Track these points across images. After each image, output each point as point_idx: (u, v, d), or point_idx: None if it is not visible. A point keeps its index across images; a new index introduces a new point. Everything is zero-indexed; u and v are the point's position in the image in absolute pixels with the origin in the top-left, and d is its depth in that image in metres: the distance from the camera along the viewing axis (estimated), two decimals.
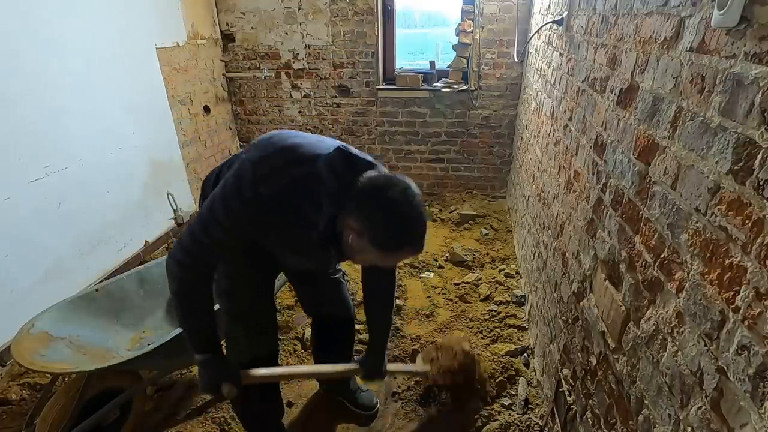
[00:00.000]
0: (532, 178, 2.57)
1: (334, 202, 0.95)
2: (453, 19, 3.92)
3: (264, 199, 0.97)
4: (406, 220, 0.92)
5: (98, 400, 1.54)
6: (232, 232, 1.03)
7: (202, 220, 1.03)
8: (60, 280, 2.30)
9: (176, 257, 1.06)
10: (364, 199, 0.92)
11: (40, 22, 2.14)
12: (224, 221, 1.00)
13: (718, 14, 0.73)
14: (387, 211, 0.90)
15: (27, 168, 2.11)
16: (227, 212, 1.00)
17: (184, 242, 1.05)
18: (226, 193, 1.00)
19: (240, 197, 0.98)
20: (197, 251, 1.05)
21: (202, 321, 1.14)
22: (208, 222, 1.02)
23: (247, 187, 0.97)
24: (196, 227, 1.04)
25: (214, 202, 1.01)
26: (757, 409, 0.60)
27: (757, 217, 0.63)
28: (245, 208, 0.99)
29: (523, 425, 1.70)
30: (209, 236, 1.03)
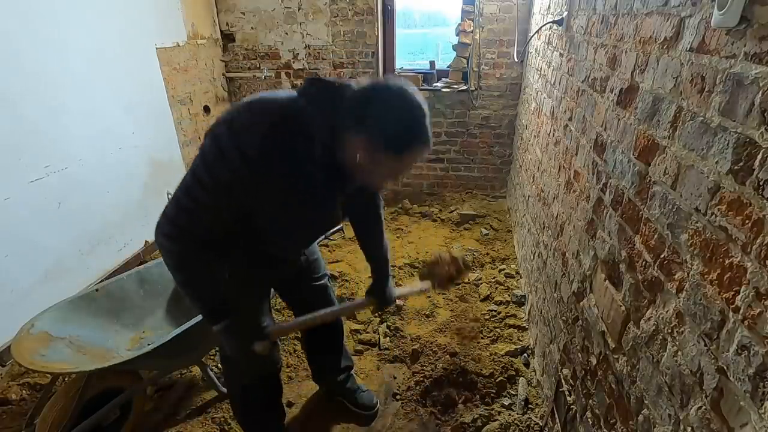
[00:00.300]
0: (532, 178, 2.57)
1: (329, 127, 0.90)
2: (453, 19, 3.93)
3: (248, 151, 0.88)
4: (412, 114, 0.88)
5: (98, 400, 1.54)
6: (220, 194, 0.94)
7: (186, 186, 0.95)
8: (60, 280, 2.30)
9: (164, 230, 0.98)
10: (363, 109, 0.87)
11: (40, 22, 2.14)
12: (210, 183, 0.92)
13: (718, 14, 0.73)
14: (391, 111, 0.87)
15: (27, 168, 2.11)
16: (211, 173, 0.91)
17: (169, 213, 0.97)
18: (206, 154, 0.91)
19: (221, 153, 0.89)
20: (184, 219, 0.96)
21: (209, 289, 1.08)
22: (192, 186, 0.93)
23: (226, 141, 0.89)
24: (180, 195, 0.96)
25: (196, 168, 0.93)
26: (757, 409, 0.60)
27: (757, 217, 0.63)
28: (230, 164, 0.89)
29: (523, 425, 1.70)
30: (194, 201, 0.94)
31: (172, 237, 0.98)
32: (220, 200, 0.95)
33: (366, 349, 2.15)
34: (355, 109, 0.88)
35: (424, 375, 1.94)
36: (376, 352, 2.14)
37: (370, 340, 2.19)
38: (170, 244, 0.99)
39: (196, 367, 1.81)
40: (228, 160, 0.89)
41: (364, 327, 2.30)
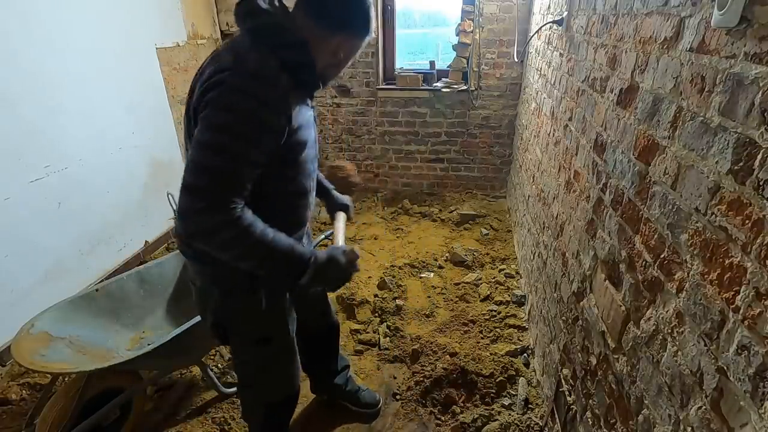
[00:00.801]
0: (532, 178, 2.57)
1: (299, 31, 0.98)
2: (453, 19, 3.92)
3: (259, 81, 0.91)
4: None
5: (98, 400, 1.54)
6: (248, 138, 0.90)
7: (207, 145, 0.87)
8: (60, 280, 2.30)
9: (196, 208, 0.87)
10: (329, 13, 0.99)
11: (39, 22, 2.14)
12: (235, 129, 0.88)
13: (718, 14, 0.73)
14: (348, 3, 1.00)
15: (27, 168, 2.11)
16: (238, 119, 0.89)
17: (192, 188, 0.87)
18: (219, 102, 0.89)
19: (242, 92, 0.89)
20: (216, 180, 0.88)
21: (281, 244, 0.98)
22: (216, 142, 0.87)
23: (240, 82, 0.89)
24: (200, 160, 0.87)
25: (218, 121, 0.88)
26: (757, 409, 0.60)
27: (757, 217, 0.63)
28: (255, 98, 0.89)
29: (523, 425, 1.70)
30: (221, 154, 0.88)
31: (210, 208, 0.87)
32: (250, 144, 0.90)
33: (366, 349, 2.15)
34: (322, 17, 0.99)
35: (424, 375, 1.94)
36: (376, 352, 2.14)
37: (370, 340, 2.19)
38: (212, 218, 0.87)
39: (196, 367, 1.81)
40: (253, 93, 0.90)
41: (364, 327, 2.30)
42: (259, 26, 0.97)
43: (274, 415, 1.43)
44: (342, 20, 1.02)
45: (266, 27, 0.97)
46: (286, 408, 1.47)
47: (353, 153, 4.01)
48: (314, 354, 1.68)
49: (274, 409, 1.41)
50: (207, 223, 0.88)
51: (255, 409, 1.43)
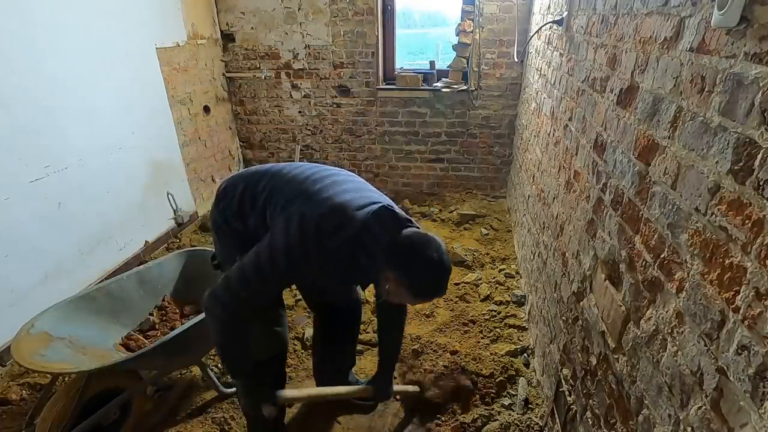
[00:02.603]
0: (532, 178, 2.57)
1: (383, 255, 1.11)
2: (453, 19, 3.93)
3: (326, 252, 1.10)
4: (439, 275, 1.11)
5: (98, 400, 1.54)
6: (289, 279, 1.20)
7: (260, 269, 1.10)
8: (60, 280, 2.30)
9: (222, 300, 1.13)
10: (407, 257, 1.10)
11: (39, 22, 2.13)
12: (285, 270, 1.10)
13: (718, 14, 0.73)
14: (426, 270, 1.09)
15: (27, 168, 2.11)
16: (291, 263, 1.09)
17: (233, 287, 1.12)
18: (290, 246, 1.09)
19: (305, 251, 1.09)
20: (248, 296, 1.13)
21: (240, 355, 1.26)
22: (268, 271, 1.10)
23: (313, 242, 1.09)
24: (251, 276, 1.11)
25: (274, 253, 1.09)
26: (757, 409, 0.60)
27: (757, 217, 0.63)
28: (308, 260, 1.10)
29: (523, 425, 1.70)
30: (265, 283, 1.13)
31: (230, 310, 1.14)
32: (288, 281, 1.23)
33: (366, 349, 2.15)
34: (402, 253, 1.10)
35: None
36: (376, 351, 2.13)
37: (370, 340, 2.19)
38: (224, 314, 1.15)
39: (196, 367, 1.81)
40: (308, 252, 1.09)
41: (364, 327, 2.29)
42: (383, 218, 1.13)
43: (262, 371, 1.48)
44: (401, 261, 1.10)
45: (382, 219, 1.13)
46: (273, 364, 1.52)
47: (353, 153, 4.01)
48: (328, 335, 1.75)
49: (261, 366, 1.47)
50: (218, 311, 1.17)
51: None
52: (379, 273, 1.13)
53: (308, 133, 4.00)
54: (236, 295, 1.12)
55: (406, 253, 1.10)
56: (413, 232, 1.13)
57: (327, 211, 1.11)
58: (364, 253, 1.13)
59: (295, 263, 1.10)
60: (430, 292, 1.15)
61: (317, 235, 1.09)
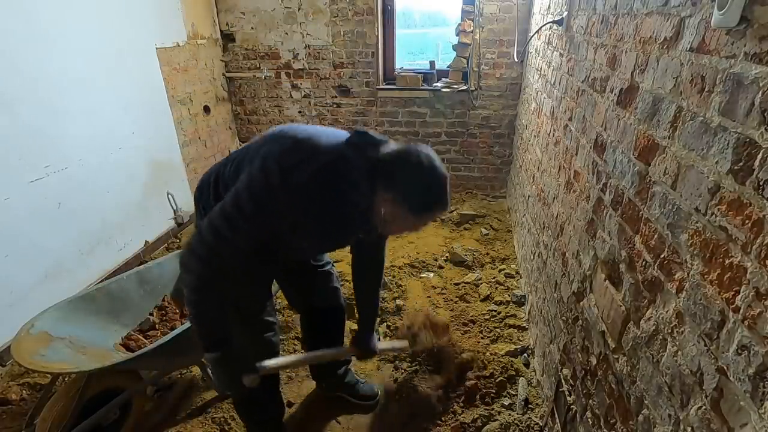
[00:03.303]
0: (532, 178, 2.57)
1: (367, 177, 1.00)
2: (453, 19, 3.92)
3: (293, 188, 0.99)
4: (435, 180, 0.99)
5: (98, 400, 1.54)
6: (260, 225, 1.03)
7: (226, 215, 1.01)
8: (60, 280, 2.30)
9: (196, 252, 1.04)
10: (394, 171, 0.98)
11: (40, 22, 2.13)
12: (252, 214, 1.00)
13: (718, 14, 0.73)
14: (418, 177, 0.97)
15: (27, 168, 2.11)
16: (257, 205, 1.00)
17: (206, 238, 1.03)
18: (253, 187, 1.00)
19: (269, 189, 0.99)
20: (221, 247, 1.03)
21: (218, 317, 1.13)
22: (234, 217, 1.01)
23: (276, 178, 0.98)
24: (219, 223, 1.02)
25: (239, 197, 1.01)
26: (757, 409, 0.60)
27: (757, 217, 0.63)
28: (275, 200, 1.00)
29: (523, 425, 1.70)
30: (234, 231, 1.02)
31: (206, 261, 1.04)
32: (260, 228, 1.04)
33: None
34: (387, 169, 0.99)
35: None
36: None
37: None
38: (201, 267, 1.04)
39: (196, 367, 1.81)
40: (273, 189, 0.99)
41: None
42: (359, 143, 1.03)
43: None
44: (391, 177, 0.99)
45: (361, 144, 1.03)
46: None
47: None
48: (319, 337, 1.72)
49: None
50: (195, 265, 1.06)
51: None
52: (367, 202, 1.02)
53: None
54: (209, 246, 1.03)
55: (393, 165, 0.99)
56: (395, 145, 1.03)
57: (289, 145, 1.04)
58: (344, 183, 1.02)
59: (263, 206, 1.00)
60: (430, 203, 1.01)
61: (280, 170, 0.99)
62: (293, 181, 0.99)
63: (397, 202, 0.98)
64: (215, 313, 1.12)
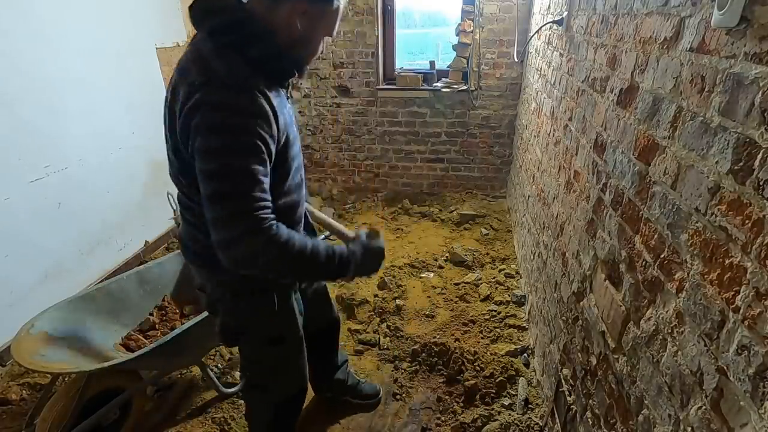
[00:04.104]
0: (532, 178, 2.57)
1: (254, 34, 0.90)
2: (453, 19, 3.93)
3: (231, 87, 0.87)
4: None
5: (98, 400, 1.54)
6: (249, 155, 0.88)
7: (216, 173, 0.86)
8: (60, 280, 2.30)
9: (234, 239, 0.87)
10: None
11: (40, 21, 2.13)
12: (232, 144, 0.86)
13: (718, 14, 0.73)
14: None
15: (27, 168, 2.11)
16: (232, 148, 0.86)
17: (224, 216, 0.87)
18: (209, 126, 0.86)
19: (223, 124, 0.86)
20: (250, 203, 0.87)
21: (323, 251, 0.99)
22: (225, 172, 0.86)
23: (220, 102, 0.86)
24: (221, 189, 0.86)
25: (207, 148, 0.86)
26: (757, 409, 0.60)
27: (757, 217, 0.63)
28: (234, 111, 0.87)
29: (523, 425, 1.70)
30: (234, 182, 0.87)
31: (247, 233, 0.87)
32: (251, 157, 0.88)
33: (366, 349, 2.15)
34: None
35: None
36: (376, 352, 2.14)
37: (370, 340, 2.19)
38: (252, 242, 0.87)
39: (196, 367, 1.81)
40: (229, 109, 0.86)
41: (364, 327, 2.30)
42: (216, 27, 0.90)
43: (284, 414, 1.44)
44: None
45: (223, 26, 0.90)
46: (295, 405, 1.47)
47: (353, 153, 4.01)
48: (316, 350, 1.67)
49: (283, 409, 1.42)
50: (248, 248, 0.88)
51: (264, 410, 1.43)
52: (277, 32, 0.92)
53: (308, 133, 3.99)
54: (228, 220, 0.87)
55: None
56: None
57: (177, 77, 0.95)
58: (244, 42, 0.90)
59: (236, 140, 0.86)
60: None
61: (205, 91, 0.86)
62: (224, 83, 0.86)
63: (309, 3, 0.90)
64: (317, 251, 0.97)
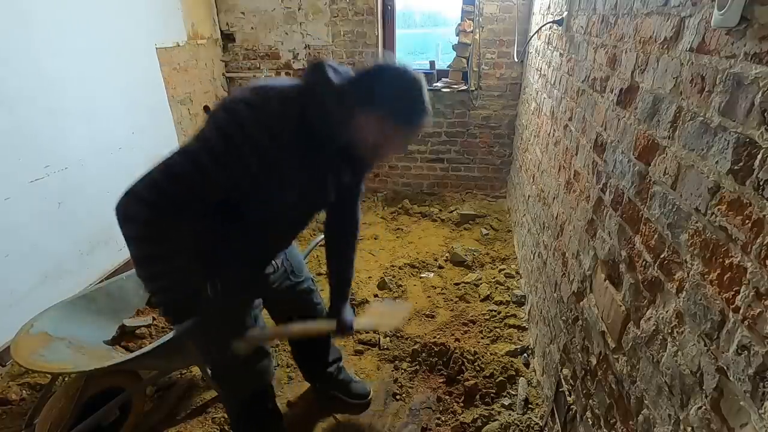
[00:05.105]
0: (532, 178, 2.57)
1: (343, 105, 0.95)
2: (453, 19, 3.92)
3: (266, 119, 0.92)
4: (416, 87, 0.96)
5: (98, 400, 1.54)
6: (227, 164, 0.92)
7: (187, 153, 0.91)
8: (60, 280, 2.30)
9: (141, 195, 0.91)
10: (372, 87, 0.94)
11: (39, 22, 2.13)
12: (221, 151, 0.91)
13: (718, 14, 0.73)
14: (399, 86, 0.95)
15: (27, 168, 2.11)
16: (225, 141, 0.90)
17: (156, 178, 0.91)
18: (220, 125, 0.91)
19: (238, 124, 0.90)
20: (175, 186, 0.91)
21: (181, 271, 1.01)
22: (197, 153, 0.91)
23: (244, 112, 0.91)
24: (175, 160, 0.91)
25: (204, 137, 0.92)
26: (757, 409, 0.60)
27: (757, 217, 0.63)
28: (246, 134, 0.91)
29: (523, 425, 1.70)
30: (196, 168, 0.91)
31: (151, 203, 0.91)
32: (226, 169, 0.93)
33: (366, 349, 2.15)
34: (364, 87, 0.95)
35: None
36: (376, 352, 2.14)
37: (370, 340, 2.19)
38: (146, 210, 0.91)
39: (196, 367, 1.81)
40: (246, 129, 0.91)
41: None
42: (312, 84, 0.97)
43: (251, 410, 1.45)
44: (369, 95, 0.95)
45: (316, 89, 0.97)
46: (258, 403, 1.46)
47: None
48: (305, 348, 1.71)
49: (249, 406, 1.43)
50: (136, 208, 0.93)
51: (234, 410, 1.47)
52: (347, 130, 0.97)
53: None
54: (160, 187, 0.91)
55: (369, 82, 0.95)
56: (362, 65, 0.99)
57: (250, 89, 0.96)
58: (317, 111, 0.96)
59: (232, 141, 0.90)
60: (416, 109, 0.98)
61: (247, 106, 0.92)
62: (264, 113, 0.91)
63: (383, 116, 0.95)
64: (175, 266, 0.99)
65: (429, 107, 0.99)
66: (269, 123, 0.92)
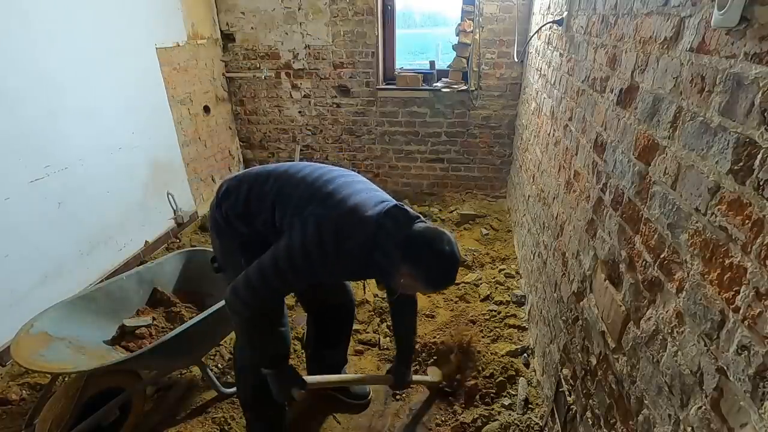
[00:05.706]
0: (532, 178, 2.57)
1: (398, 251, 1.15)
2: (453, 19, 3.93)
3: (343, 252, 1.15)
4: (451, 266, 1.17)
5: (98, 400, 1.54)
6: (308, 278, 1.22)
7: (278, 268, 1.15)
8: (60, 280, 2.30)
9: (244, 299, 1.18)
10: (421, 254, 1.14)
11: (39, 22, 2.14)
12: (303, 271, 1.16)
13: (718, 14, 0.73)
14: (439, 264, 1.15)
15: (27, 168, 2.11)
16: (309, 265, 1.14)
17: (255, 284, 1.17)
18: (307, 248, 1.13)
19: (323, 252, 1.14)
20: (268, 294, 1.20)
21: (271, 345, 1.32)
22: (286, 270, 1.15)
23: (331, 246, 1.14)
24: (269, 273, 1.16)
25: (292, 254, 1.14)
26: (757, 409, 0.60)
27: (757, 217, 0.63)
28: (326, 260, 1.15)
29: (523, 425, 1.70)
30: (284, 282, 1.19)
31: (251, 307, 1.20)
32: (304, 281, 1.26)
33: (366, 349, 2.15)
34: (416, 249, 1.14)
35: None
36: (376, 352, 2.14)
37: (370, 340, 2.19)
38: (247, 311, 1.21)
39: (196, 367, 1.81)
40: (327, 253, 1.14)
41: (364, 327, 2.30)
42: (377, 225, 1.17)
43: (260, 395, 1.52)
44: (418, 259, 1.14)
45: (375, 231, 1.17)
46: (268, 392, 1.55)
47: (353, 153, 4.01)
48: (322, 334, 1.78)
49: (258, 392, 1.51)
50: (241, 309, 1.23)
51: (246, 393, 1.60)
52: (394, 268, 1.17)
53: (308, 133, 4.00)
54: (257, 293, 1.17)
55: (420, 247, 1.14)
56: (425, 227, 1.18)
57: (344, 212, 1.17)
58: (379, 252, 1.17)
59: (313, 263, 1.14)
60: (442, 282, 1.21)
61: (335, 236, 1.14)
62: (345, 250, 1.15)
63: (417, 278, 1.15)
64: (267, 343, 1.31)
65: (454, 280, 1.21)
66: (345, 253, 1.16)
